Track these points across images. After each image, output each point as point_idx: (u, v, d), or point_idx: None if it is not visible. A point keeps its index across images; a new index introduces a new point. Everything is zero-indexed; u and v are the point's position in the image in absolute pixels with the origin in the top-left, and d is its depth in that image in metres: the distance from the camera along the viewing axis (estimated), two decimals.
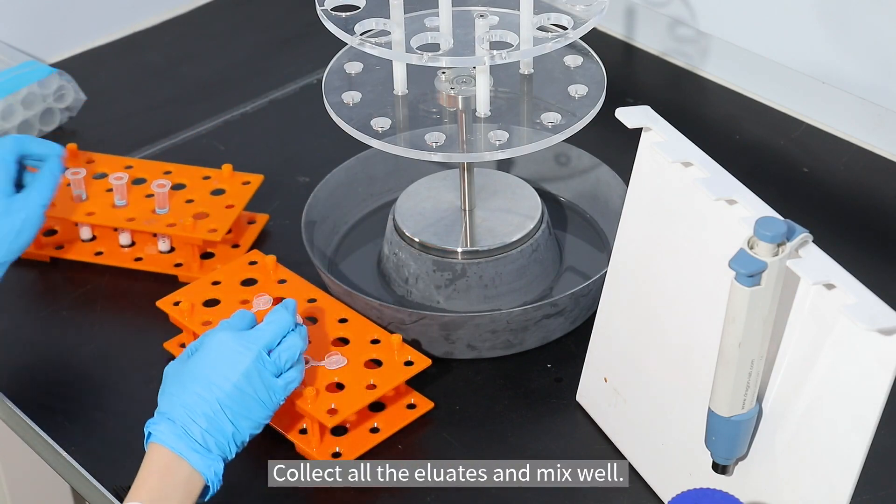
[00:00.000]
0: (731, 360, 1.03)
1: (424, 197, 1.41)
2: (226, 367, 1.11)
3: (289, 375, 1.15)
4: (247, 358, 1.12)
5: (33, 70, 1.67)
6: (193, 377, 1.11)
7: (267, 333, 1.15)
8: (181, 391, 1.11)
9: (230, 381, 1.11)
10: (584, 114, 1.29)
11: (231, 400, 1.11)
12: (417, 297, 1.37)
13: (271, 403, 1.13)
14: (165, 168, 1.52)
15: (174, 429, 1.09)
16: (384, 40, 1.23)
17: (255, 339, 1.14)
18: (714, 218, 1.10)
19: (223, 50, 1.86)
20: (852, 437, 1.01)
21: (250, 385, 1.12)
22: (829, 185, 1.56)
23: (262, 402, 1.13)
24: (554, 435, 1.27)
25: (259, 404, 1.12)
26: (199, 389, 1.10)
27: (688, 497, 0.99)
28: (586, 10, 1.26)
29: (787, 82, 1.66)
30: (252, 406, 1.12)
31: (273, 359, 1.14)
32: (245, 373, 1.11)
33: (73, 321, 1.42)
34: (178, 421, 1.09)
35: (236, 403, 1.11)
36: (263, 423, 1.14)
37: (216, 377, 1.11)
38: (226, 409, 1.11)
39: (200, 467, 1.09)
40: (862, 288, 0.99)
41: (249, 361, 1.12)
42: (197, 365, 1.12)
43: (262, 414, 1.13)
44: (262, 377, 1.12)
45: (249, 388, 1.12)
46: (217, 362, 1.12)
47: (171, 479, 1.08)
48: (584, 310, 1.35)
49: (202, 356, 1.12)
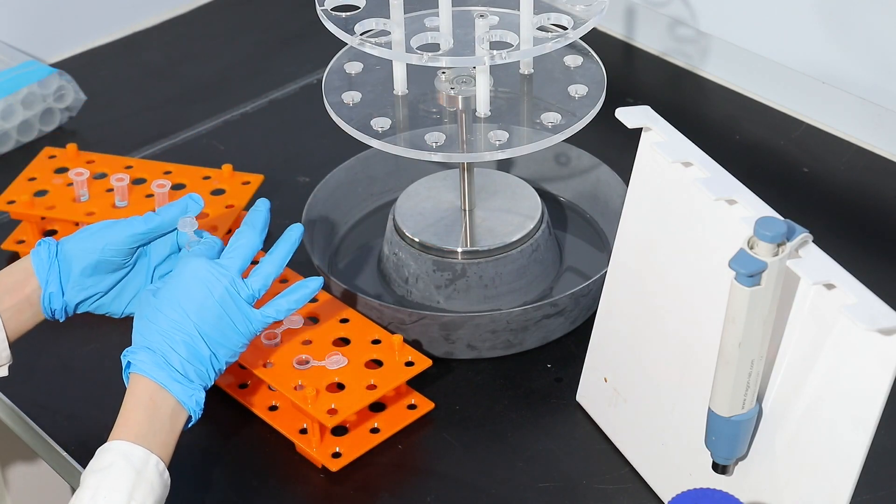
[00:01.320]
0: (731, 360, 1.03)
1: (424, 197, 1.41)
2: (201, 294, 1.10)
3: (268, 311, 1.13)
4: (220, 285, 1.10)
5: (33, 70, 1.67)
6: (170, 304, 1.10)
7: (237, 259, 1.13)
8: (157, 318, 1.09)
9: (206, 307, 1.10)
10: (584, 114, 1.29)
11: (208, 326, 1.10)
12: (417, 297, 1.37)
13: (248, 331, 1.12)
14: (165, 168, 1.52)
15: (154, 358, 1.08)
16: (384, 40, 1.23)
17: (228, 266, 1.12)
18: (714, 218, 1.10)
19: (223, 50, 1.86)
20: (852, 437, 1.01)
21: (226, 312, 1.11)
22: (829, 185, 1.56)
23: (238, 330, 1.11)
24: (554, 435, 1.27)
25: (235, 331, 1.11)
26: (175, 316, 1.09)
27: (688, 497, 0.99)
28: (586, 10, 1.26)
29: (787, 82, 1.66)
30: (229, 333, 1.11)
31: (248, 283, 1.13)
32: (220, 300, 1.10)
33: (73, 321, 1.41)
34: (158, 350, 1.08)
35: (213, 330, 1.10)
36: (240, 350, 1.13)
37: (191, 304, 1.10)
38: (204, 335, 1.10)
39: (183, 398, 1.08)
40: (862, 288, 0.99)
41: (223, 288, 1.10)
42: (172, 292, 1.10)
43: (238, 342, 1.12)
44: (236, 304, 1.11)
45: (225, 315, 1.11)
46: (192, 289, 1.10)
47: (157, 413, 1.07)
48: (584, 310, 1.35)
49: (176, 283, 1.11)
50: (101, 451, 1.05)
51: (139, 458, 1.04)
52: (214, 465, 1.25)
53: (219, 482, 1.24)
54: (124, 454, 1.04)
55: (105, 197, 1.47)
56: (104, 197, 1.48)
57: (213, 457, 1.26)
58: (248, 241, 1.15)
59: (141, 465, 1.04)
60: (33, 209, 1.46)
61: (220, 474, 1.25)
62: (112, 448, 1.05)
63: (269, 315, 1.13)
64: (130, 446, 1.04)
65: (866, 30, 1.57)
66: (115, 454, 1.04)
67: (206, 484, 1.24)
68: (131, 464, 1.03)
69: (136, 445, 1.04)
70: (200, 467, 1.23)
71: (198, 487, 1.23)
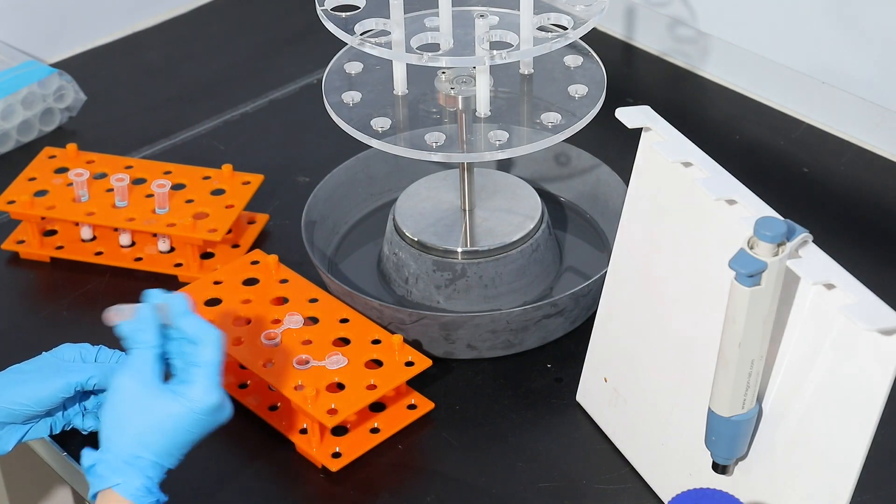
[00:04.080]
0: (731, 360, 1.03)
1: (424, 197, 1.41)
2: (161, 426, 1.06)
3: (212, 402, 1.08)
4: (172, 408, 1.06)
5: (33, 70, 1.67)
6: (136, 427, 1.06)
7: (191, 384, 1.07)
8: (149, 441, 1.06)
9: (192, 444, 1.07)
10: (584, 114, 1.29)
11: (177, 448, 1.07)
12: (417, 297, 1.37)
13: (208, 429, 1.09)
14: (165, 168, 1.52)
15: (149, 487, 1.05)
16: (384, 40, 1.23)
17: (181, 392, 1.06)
18: (714, 218, 1.10)
19: (223, 50, 1.86)
20: (852, 437, 1.01)
21: (187, 430, 1.07)
22: (829, 185, 1.56)
23: (201, 433, 1.08)
24: (554, 435, 1.27)
25: (200, 435, 1.08)
26: (147, 441, 1.05)
27: (688, 497, 0.99)
28: (586, 10, 1.26)
29: (787, 82, 1.66)
30: (194, 438, 1.08)
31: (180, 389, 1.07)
32: (183, 427, 1.06)
33: (73, 321, 1.42)
34: (151, 476, 1.05)
35: (182, 446, 1.07)
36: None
37: (155, 436, 1.06)
38: (176, 452, 1.07)
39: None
40: (862, 288, 0.99)
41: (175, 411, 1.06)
42: (134, 416, 1.06)
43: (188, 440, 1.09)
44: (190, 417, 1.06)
45: (187, 433, 1.07)
46: (183, 433, 1.06)
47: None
48: (584, 310, 1.35)
49: (131, 409, 1.06)
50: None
51: None
52: (214, 465, 1.25)
53: (218, 482, 1.24)
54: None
55: (105, 197, 1.47)
56: (104, 197, 1.48)
57: (213, 457, 1.26)
58: (143, 341, 1.09)
59: None
60: (33, 209, 1.46)
61: (219, 474, 1.25)
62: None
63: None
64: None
65: (866, 29, 1.57)
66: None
67: (206, 484, 1.24)
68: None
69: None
70: (200, 467, 1.23)
71: (197, 487, 1.23)
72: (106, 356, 1.21)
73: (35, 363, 1.18)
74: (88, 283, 1.46)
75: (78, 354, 1.20)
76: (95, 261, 1.47)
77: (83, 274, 1.47)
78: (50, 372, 1.17)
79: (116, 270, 1.47)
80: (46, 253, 1.48)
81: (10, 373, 1.17)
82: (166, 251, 1.47)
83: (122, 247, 1.48)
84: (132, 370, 1.07)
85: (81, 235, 1.49)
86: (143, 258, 1.47)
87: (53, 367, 1.17)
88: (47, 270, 1.48)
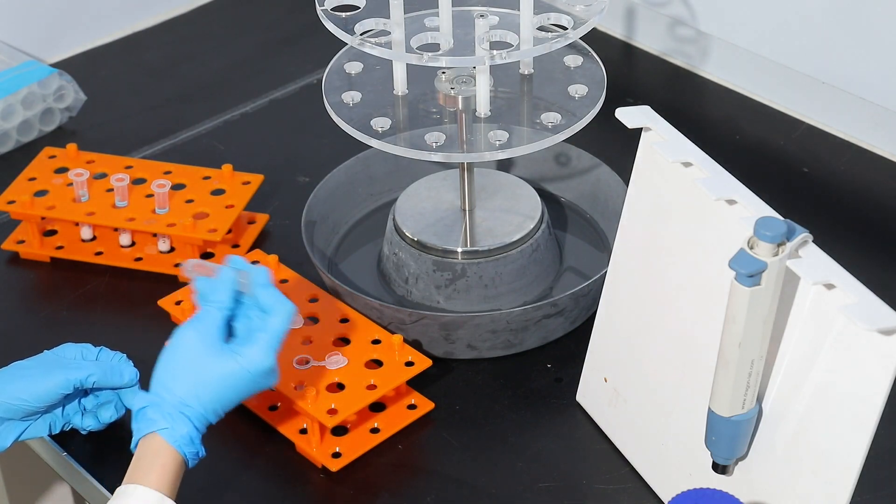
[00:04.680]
0: (731, 360, 1.03)
1: (424, 197, 1.41)
2: (214, 381, 1.10)
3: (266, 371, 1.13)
4: (228, 366, 1.11)
5: (33, 70, 1.67)
6: (190, 378, 1.10)
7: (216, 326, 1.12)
8: (202, 393, 1.10)
9: (237, 402, 1.12)
10: (584, 114, 1.29)
11: (222, 405, 1.11)
12: (417, 297, 1.37)
13: (255, 390, 1.13)
14: (165, 168, 1.52)
15: (194, 436, 1.10)
16: (384, 40, 1.23)
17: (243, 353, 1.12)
18: (714, 218, 1.10)
19: (223, 50, 1.86)
20: (852, 437, 1.01)
21: (236, 389, 1.11)
22: (829, 185, 1.56)
23: (248, 394, 1.13)
24: (554, 435, 1.27)
25: (246, 395, 1.13)
26: (199, 393, 1.10)
27: (688, 497, 0.99)
28: (586, 10, 1.26)
29: (787, 82, 1.66)
30: (241, 397, 1.13)
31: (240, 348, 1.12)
32: (233, 385, 1.11)
33: (73, 321, 1.42)
34: (198, 426, 1.10)
35: (228, 403, 1.12)
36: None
37: (207, 389, 1.10)
38: (220, 409, 1.11)
39: (192, 461, 1.11)
40: (862, 288, 0.99)
41: (230, 369, 1.11)
42: (191, 367, 1.11)
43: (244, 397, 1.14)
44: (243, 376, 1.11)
45: (236, 392, 1.12)
46: (232, 389, 1.11)
47: (170, 474, 1.09)
48: (584, 310, 1.35)
49: (189, 361, 1.11)
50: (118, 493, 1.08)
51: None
52: (214, 465, 1.25)
53: (218, 482, 1.24)
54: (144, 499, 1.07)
55: (105, 197, 1.47)
56: (104, 197, 1.48)
57: (212, 457, 1.26)
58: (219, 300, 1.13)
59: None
60: (33, 209, 1.46)
61: (219, 474, 1.25)
62: (133, 492, 1.08)
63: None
64: (148, 492, 1.07)
65: (866, 30, 1.57)
66: (131, 498, 1.07)
67: (206, 484, 1.24)
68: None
69: (154, 492, 1.07)
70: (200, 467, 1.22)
71: (197, 487, 1.23)
72: (107, 357, 1.21)
73: (36, 360, 1.19)
74: (88, 283, 1.46)
75: (79, 353, 1.21)
76: (95, 261, 1.47)
77: (83, 274, 1.47)
78: (50, 368, 1.18)
79: (116, 270, 1.47)
80: (46, 253, 1.48)
81: (10, 368, 1.18)
82: (166, 251, 1.47)
83: (122, 247, 1.48)
84: (198, 325, 1.11)
85: (81, 235, 1.49)
86: (143, 258, 1.47)
87: (53, 364, 1.18)
88: (47, 270, 1.48)
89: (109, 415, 1.23)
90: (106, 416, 1.23)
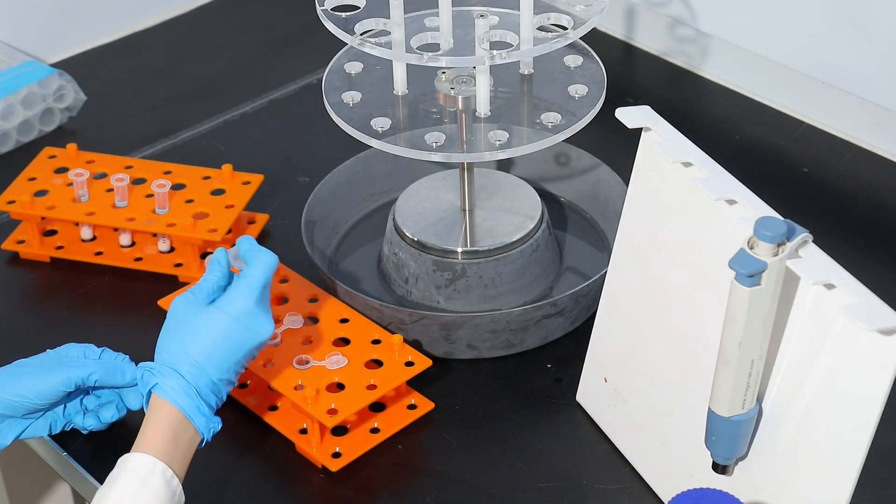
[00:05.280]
0: (731, 360, 1.03)
1: (424, 197, 1.41)
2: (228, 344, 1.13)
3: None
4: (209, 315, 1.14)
5: (33, 70, 1.67)
6: (178, 337, 1.13)
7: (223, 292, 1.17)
8: (190, 348, 1.13)
9: (234, 357, 1.14)
10: (584, 114, 1.29)
11: (216, 359, 1.13)
12: (417, 297, 1.37)
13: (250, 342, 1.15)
14: (165, 168, 1.52)
15: (185, 388, 1.11)
16: (384, 40, 1.23)
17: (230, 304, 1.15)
18: (714, 218, 1.10)
19: (223, 50, 1.86)
20: (852, 437, 1.01)
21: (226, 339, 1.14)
22: (829, 185, 1.56)
23: (252, 353, 1.15)
24: (554, 435, 1.27)
25: (250, 355, 1.16)
26: (188, 348, 1.13)
27: (688, 497, 0.99)
28: (586, 10, 1.26)
29: (787, 82, 1.66)
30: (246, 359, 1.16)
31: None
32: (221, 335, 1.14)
33: (73, 321, 1.42)
34: (189, 380, 1.12)
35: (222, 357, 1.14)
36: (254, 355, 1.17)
37: (222, 353, 1.13)
38: (215, 362, 1.13)
39: (203, 428, 1.12)
40: (862, 288, 0.99)
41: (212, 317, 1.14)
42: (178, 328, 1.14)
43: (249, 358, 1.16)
44: (226, 323, 1.14)
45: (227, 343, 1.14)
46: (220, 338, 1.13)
47: (180, 441, 1.11)
48: (584, 310, 1.35)
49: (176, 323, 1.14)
50: (118, 462, 1.10)
51: (145, 467, 1.08)
52: (214, 465, 1.25)
53: (219, 482, 1.24)
54: (132, 465, 1.08)
55: (105, 197, 1.47)
56: (104, 197, 1.48)
57: (213, 457, 1.26)
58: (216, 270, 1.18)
59: (146, 472, 1.07)
60: (33, 209, 1.46)
61: (220, 474, 1.25)
62: (125, 459, 1.09)
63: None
64: (139, 456, 1.08)
65: (866, 29, 1.57)
66: (123, 466, 1.08)
67: (206, 484, 1.24)
68: (136, 473, 1.07)
69: (144, 455, 1.08)
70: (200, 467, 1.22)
71: (197, 487, 1.23)
72: (109, 357, 1.22)
73: (38, 358, 1.20)
74: (88, 283, 1.46)
75: (81, 353, 1.21)
76: (95, 261, 1.47)
77: (83, 274, 1.47)
78: (52, 366, 1.18)
79: (116, 270, 1.47)
80: (46, 253, 1.48)
81: (12, 366, 1.19)
82: (166, 251, 1.47)
83: (122, 247, 1.48)
84: (185, 293, 1.16)
85: (81, 235, 1.49)
86: (143, 258, 1.47)
87: (55, 362, 1.19)
88: (47, 270, 1.48)
89: (111, 415, 1.23)
90: (107, 416, 1.23)
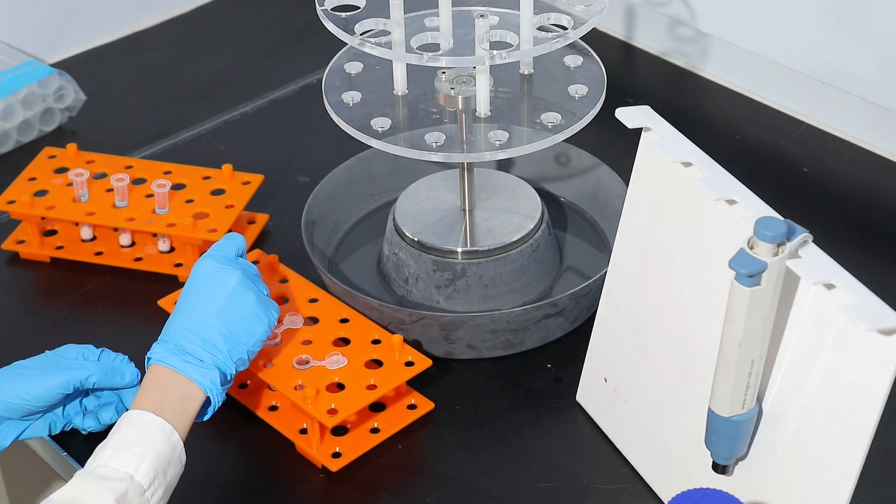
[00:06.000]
0: (731, 360, 1.03)
1: (424, 197, 1.41)
2: (213, 289, 1.17)
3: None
4: (233, 277, 1.18)
5: (33, 70, 1.67)
6: (184, 305, 1.17)
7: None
8: (174, 320, 1.17)
9: (218, 301, 1.16)
10: (584, 114, 1.29)
11: (221, 319, 1.16)
12: (417, 297, 1.37)
13: (266, 317, 1.18)
14: (165, 168, 1.52)
15: (168, 347, 1.14)
16: (384, 40, 1.23)
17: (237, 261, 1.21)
18: (714, 218, 1.10)
19: (223, 50, 1.86)
20: (852, 437, 1.01)
21: (240, 302, 1.17)
22: (829, 185, 1.56)
23: (257, 316, 1.17)
24: (554, 435, 1.27)
25: (255, 318, 1.17)
26: (190, 314, 1.16)
27: (688, 497, 0.99)
28: (586, 10, 1.26)
29: (787, 82, 1.66)
30: (247, 321, 1.17)
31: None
32: (232, 292, 1.17)
33: (73, 321, 1.42)
34: (172, 341, 1.15)
35: (228, 321, 1.16)
36: (262, 338, 1.18)
37: (204, 301, 1.16)
38: (217, 326, 1.15)
39: (195, 377, 1.13)
40: (862, 288, 0.99)
41: (236, 280, 1.18)
42: (187, 294, 1.18)
43: (259, 328, 1.18)
44: (252, 291, 1.18)
45: (239, 306, 1.17)
46: (203, 287, 1.17)
47: (167, 392, 1.12)
48: (584, 310, 1.35)
49: (191, 285, 1.18)
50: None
51: (142, 420, 1.10)
52: (215, 465, 1.25)
53: (219, 482, 1.24)
54: (129, 420, 1.10)
55: (105, 197, 1.47)
56: (104, 197, 1.48)
57: (213, 457, 1.26)
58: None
59: (145, 426, 1.09)
60: (33, 209, 1.46)
61: (220, 474, 1.25)
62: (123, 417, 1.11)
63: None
64: (136, 413, 1.11)
65: (867, 30, 1.57)
66: (120, 421, 1.11)
67: (207, 484, 1.24)
68: (133, 425, 1.09)
69: (140, 411, 1.11)
70: (201, 467, 1.23)
71: (198, 487, 1.23)
72: (108, 358, 1.22)
73: (36, 360, 1.20)
74: (88, 283, 1.46)
75: (80, 354, 1.21)
76: (95, 261, 1.47)
77: (83, 274, 1.47)
78: (50, 368, 1.18)
79: (116, 270, 1.47)
80: (46, 253, 1.48)
81: (10, 368, 1.19)
82: (166, 251, 1.47)
83: (122, 247, 1.48)
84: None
85: (81, 235, 1.49)
86: (143, 258, 1.47)
87: (54, 364, 1.19)
88: (47, 270, 1.48)
89: (110, 416, 1.23)
90: (107, 418, 1.23)
